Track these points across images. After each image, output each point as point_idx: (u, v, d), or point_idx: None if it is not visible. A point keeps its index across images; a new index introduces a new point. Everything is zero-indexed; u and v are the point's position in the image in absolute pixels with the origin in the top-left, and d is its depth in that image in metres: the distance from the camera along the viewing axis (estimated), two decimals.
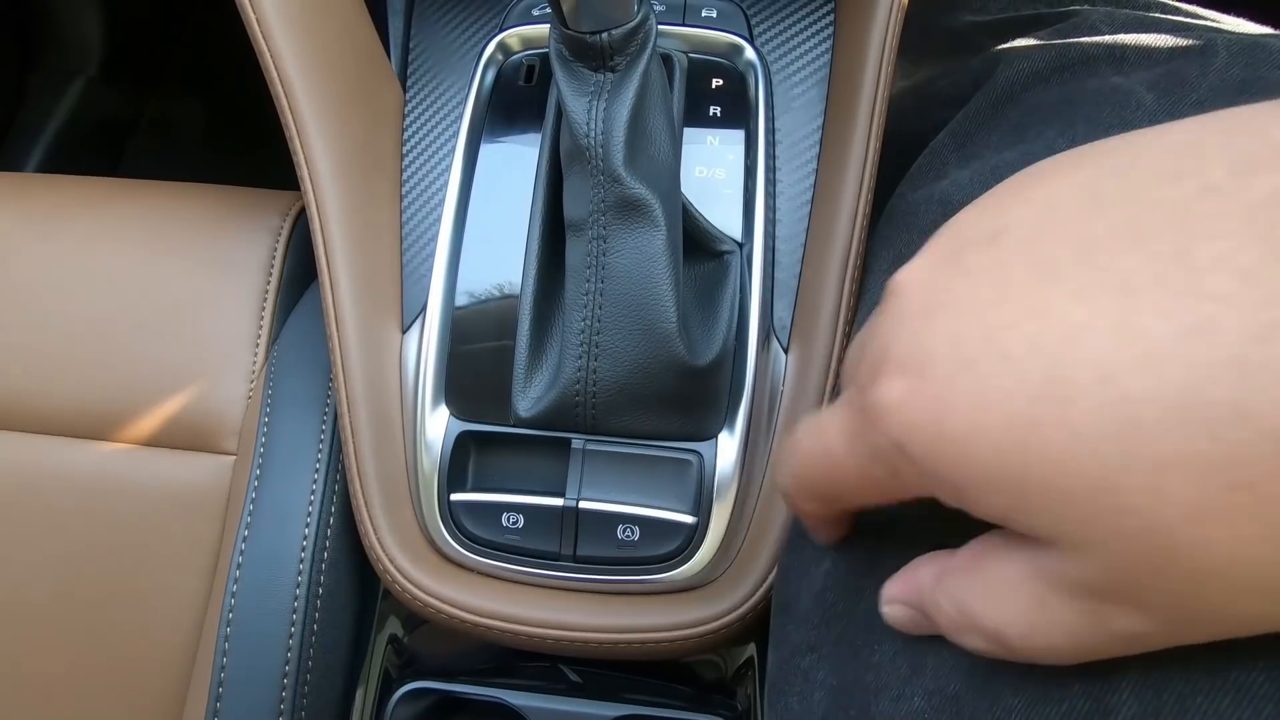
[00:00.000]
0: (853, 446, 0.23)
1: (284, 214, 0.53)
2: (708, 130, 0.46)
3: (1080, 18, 0.44)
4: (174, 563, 0.47)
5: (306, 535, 0.45)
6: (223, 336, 0.50)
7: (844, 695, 0.30)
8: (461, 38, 0.51)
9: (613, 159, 0.36)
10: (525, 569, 0.43)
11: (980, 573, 0.22)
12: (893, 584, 0.27)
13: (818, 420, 0.25)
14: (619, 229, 0.37)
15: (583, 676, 0.47)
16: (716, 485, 0.41)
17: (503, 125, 0.47)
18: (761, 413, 0.43)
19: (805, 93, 0.48)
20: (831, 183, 0.44)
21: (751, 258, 0.44)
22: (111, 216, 0.53)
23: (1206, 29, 0.40)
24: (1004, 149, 0.39)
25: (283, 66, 0.42)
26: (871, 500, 0.25)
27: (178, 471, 0.48)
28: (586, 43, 0.36)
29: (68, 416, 0.49)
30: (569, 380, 0.38)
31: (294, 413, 0.47)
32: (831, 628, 0.32)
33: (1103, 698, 0.21)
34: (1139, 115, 0.35)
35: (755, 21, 0.49)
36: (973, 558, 0.23)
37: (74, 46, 1.03)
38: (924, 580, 0.25)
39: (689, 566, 0.42)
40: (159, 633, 0.47)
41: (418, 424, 0.43)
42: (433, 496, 0.43)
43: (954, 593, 0.23)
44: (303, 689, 0.44)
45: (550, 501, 0.42)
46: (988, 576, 0.22)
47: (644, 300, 0.37)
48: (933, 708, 0.26)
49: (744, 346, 0.42)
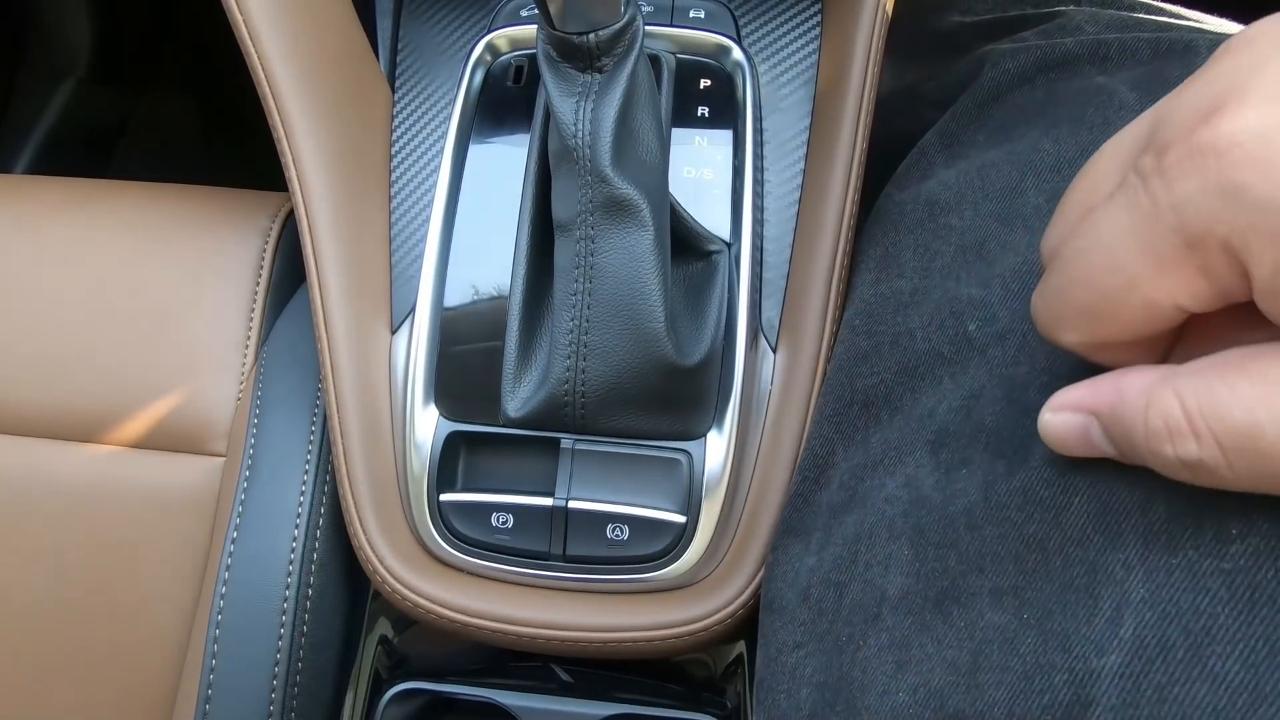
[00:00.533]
0: (1149, 236, 0.21)
1: (273, 215, 0.53)
2: (695, 130, 0.46)
3: (1065, 18, 0.44)
4: (163, 564, 0.47)
5: (296, 536, 0.45)
6: (212, 338, 0.50)
7: (830, 691, 0.30)
8: (450, 38, 0.51)
9: (600, 159, 0.36)
10: (515, 569, 0.43)
11: (1241, 370, 0.20)
12: (1072, 391, 0.25)
13: (1090, 224, 0.23)
14: (607, 229, 0.37)
15: (573, 676, 0.47)
16: (705, 484, 0.41)
17: (491, 126, 0.47)
18: (750, 412, 0.43)
19: (793, 93, 0.48)
20: (819, 183, 0.44)
21: (739, 257, 0.44)
22: (100, 218, 0.53)
23: (1189, 29, 0.40)
24: (990, 148, 0.40)
25: (270, 67, 0.42)
26: (1147, 324, 0.22)
27: (167, 473, 0.48)
28: (574, 44, 0.36)
29: (56, 418, 0.49)
30: (558, 380, 0.38)
31: (283, 414, 0.47)
32: (817, 624, 0.32)
33: (1084, 688, 0.22)
34: (1122, 114, 0.36)
35: (743, 23, 0.50)
36: (1226, 360, 0.21)
37: (63, 47, 1.03)
38: (1132, 384, 0.23)
39: (678, 565, 0.42)
40: (148, 634, 0.47)
41: (407, 424, 0.43)
42: (422, 497, 0.43)
43: (1195, 390, 0.21)
44: (292, 690, 0.44)
45: (540, 501, 0.42)
46: (1254, 371, 0.20)
47: (632, 300, 0.37)
48: (917, 702, 0.26)
49: (732, 346, 0.42)
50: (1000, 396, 0.30)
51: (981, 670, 0.24)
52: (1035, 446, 0.27)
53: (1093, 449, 0.24)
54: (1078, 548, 0.24)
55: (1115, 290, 0.22)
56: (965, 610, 0.27)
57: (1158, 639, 0.21)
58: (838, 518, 0.35)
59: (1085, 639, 0.23)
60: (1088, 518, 0.25)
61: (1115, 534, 0.24)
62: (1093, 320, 0.23)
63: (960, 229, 0.37)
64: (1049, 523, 0.26)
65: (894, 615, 0.29)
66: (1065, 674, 0.22)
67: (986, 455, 0.29)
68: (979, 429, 0.30)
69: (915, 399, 0.34)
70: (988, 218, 0.36)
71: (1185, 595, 0.21)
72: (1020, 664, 0.24)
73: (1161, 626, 0.21)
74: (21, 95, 1.03)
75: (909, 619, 0.29)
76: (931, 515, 0.30)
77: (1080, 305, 0.23)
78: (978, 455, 0.30)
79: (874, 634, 0.29)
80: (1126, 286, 0.22)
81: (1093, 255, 0.22)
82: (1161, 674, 0.21)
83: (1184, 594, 0.21)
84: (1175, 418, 0.21)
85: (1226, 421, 0.20)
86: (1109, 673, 0.21)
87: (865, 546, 0.32)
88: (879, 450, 0.34)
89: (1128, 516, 0.24)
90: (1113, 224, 0.22)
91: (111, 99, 1.10)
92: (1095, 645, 0.22)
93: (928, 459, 0.32)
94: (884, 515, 0.32)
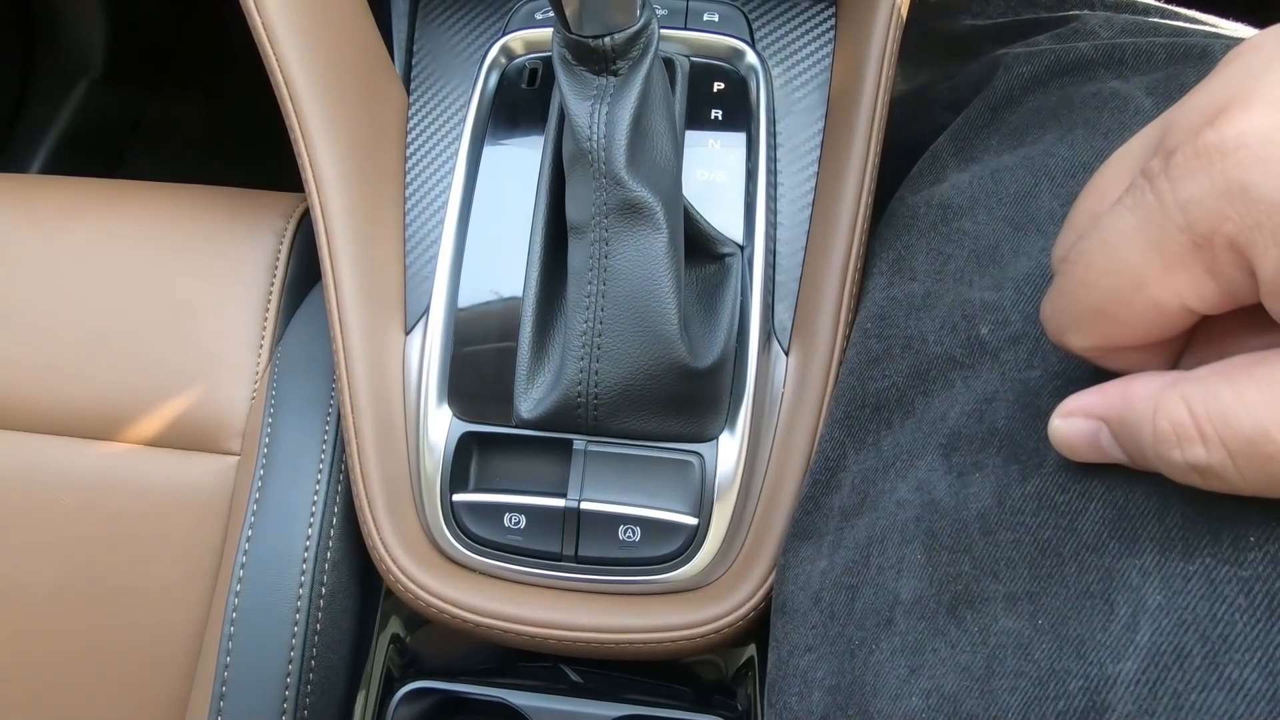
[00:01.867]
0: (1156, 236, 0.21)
1: (287, 216, 0.53)
2: (709, 133, 0.47)
3: (1079, 22, 0.44)
4: (177, 563, 0.48)
5: (309, 536, 0.45)
6: (226, 337, 0.50)
7: (842, 695, 0.30)
8: (465, 41, 0.51)
9: (615, 162, 0.36)
10: (527, 569, 0.43)
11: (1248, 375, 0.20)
12: (1081, 397, 0.25)
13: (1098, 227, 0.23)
14: (621, 231, 0.37)
15: (584, 677, 0.47)
16: (717, 486, 0.41)
17: (505, 128, 0.47)
18: (762, 414, 0.43)
19: (806, 96, 0.48)
20: (832, 186, 0.44)
21: (752, 260, 0.44)
22: (115, 218, 0.53)
23: (1205, 34, 0.40)
24: (1003, 152, 0.39)
25: (288, 69, 0.42)
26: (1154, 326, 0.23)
27: (181, 472, 0.49)
28: (589, 47, 0.36)
29: (72, 416, 0.50)
30: (571, 382, 0.38)
31: (297, 414, 0.47)
32: (829, 628, 0.32)
33: (1099, 695, 0.22)
34: (1137, 120, 0.35)
35: (756, 25, 0.50)
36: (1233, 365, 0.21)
37: (77, 49, 1.04)
38: (1139, 390, 0.23)
39: (690, 567, 0.42)
40: (162, 632, 0.48)
41: (420, 425, 0.43)
42: (435, 497, 0.43)
43: (1202, 395, 0.21)
44: (305, 688, 0.44)
45: (552, 502, 0.42)
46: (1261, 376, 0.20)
47: (646, 302, 0.37)
48: (930, 707, 0.26)
49: (745, 348, 0.42)
50: (1013, 400, 0.30)
51: (995, 676, 0.24)
52: (1049, 451, 0.27)
53: (1102, 454, 0.24)
54: (1093, 554, 0.24)
55: (1122, 291, 0.22)
56: (979, 615, 0.27)
57: (1174, 646, 0.21)
58: (849, 521, 0.35)
59: (1101, 645, 0.23)
60: (1103, 523, 0.25)
61: (1131, 540, 0.24)
62: (1101, 323, 0.23)
63: (973, 233, 0.37)
64: (1064, 528, 0.25)
65: (907, 619, 0.29)
66: (1080, 680, 0.22)
67: (1000, 460, 0.29)
68: (992, 433, 0.30)
69: (927, 402, 0.34)
70: (1001, 222, 0.36)
71: (1202, 603, 0.21)
72: (1035, 670, 0.24)
73: (1178, 634, 0.21)
74: (36, 97, 1.04)
75: (922, 623, 0.29)
76: (944, 519, 0.30)
77: (1088, 308, 0.23)
78: (991, 459, 0.30)
79: (886, 638, 0.29)
80: (1134, 287, 0.22)
81: (1100, 256, 0.23)
82: (1178, 681, 0.21)
83: (1201, 601, 0.21)
84: (1183, 423, 0.21)
85: (1234, 426, 0.20)
86: (1125, 679, 0.21)
87: (877, 550, 0.32)
88: (891, 454, 0.34)
89: (1144, 523, 0.24)
90: (1120, 225, 0.22)
91: (125, 100, 1.10)
92: (1111, 652, 0.22)
93: (940, 463, 0.32)
94: (896, 519, 0.32)
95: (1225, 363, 0.21)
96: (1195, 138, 0.20)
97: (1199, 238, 0.20)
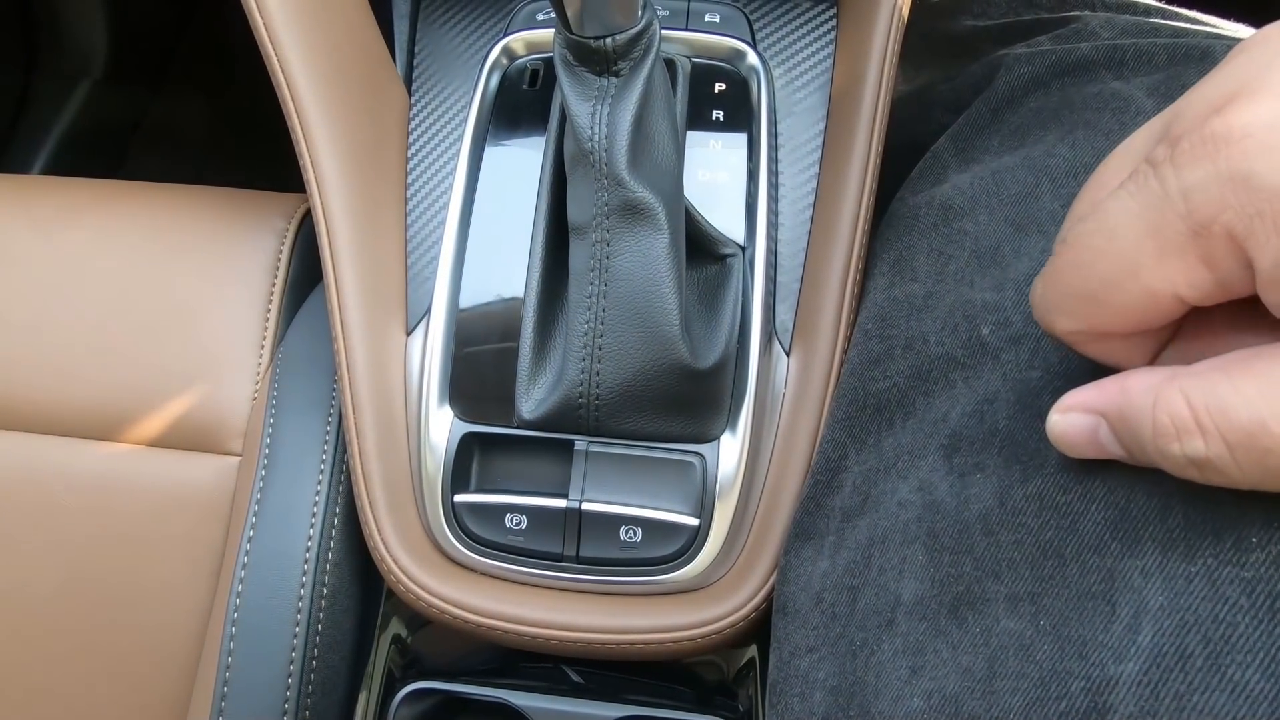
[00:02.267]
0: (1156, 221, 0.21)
1: (289, 216, 0.53)
2: (710, 134, 0.47)
3: (1080, 23, 0.44)
4: (179, 563, 0.48)
5: (311, 536, 0.45)
6: (228, 338, 0.50)
7: (843, 696, 0.30)
8: (466, 42, 0.52)
9: (616, 163, 0.36)
10: (528, 570, 0.43)
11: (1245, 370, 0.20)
12: (1080, 393, 0.25)
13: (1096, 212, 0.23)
14: (622, 232, 0.37)
15: (585, 677, 0.47)
16: (719, 487, 0.41)
17: (507, 129, 0.48)
18: (763, 415, 0.43)
19: (807, 97, 0.48)
20: (833, 186, 0.44)
21: (754, 261, 0.44)
22: (117, 218, 0.53)
23: (1206, 35, 0.40)
24: (1004, 153, 0.40)
25: (290, 70, 0.42)
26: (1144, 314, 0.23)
27: (183, 472, 0.49)
28: (591, 47, 0.36)
29: (73, 417, 0.50)
30: (572, 382, 0.38)
31: (298, 414, 0.47)
32: (830, 629, 0.32)
33: (1101, 696, 0.22)
34: (1138, 120, 0.35)
35: (758, 26, 0.50)
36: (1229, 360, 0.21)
37: (79, 49, 1.04)
38: (1138, 384, 0.23)
39: (691, 568, 0.42)
40: (164, 632, 0.48)
41: (422, 425, 0.44)
42: (436, 497, 0.43)
43: (1200, 389, 0.21)
44: (307, 689, 0.44)
45: (553, 503, 0.42)
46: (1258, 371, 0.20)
47: (647, 303, 0.37)
48: (931, 708, 0.26)
49: (746, 349, 0.42)
50: (1014, 401, 0.30)
51: (997, 677, 0.24)
52: (1051, 452, 0.27)
53: (1101, 450, 0.24)
54: (1095, 554, 0.24)
55: (1116, 275, 0.22)
56: (981, 616, 0.27)
57: (1176, 647, 0.21)
58: (850, 522, 0.35)
59: (1103, 646, 0.23)
60: (1105, 524, 0.25)
61: (1133, 541, 0.24)
62: (1090, 307, 0.23)
63: (974, 233, 0.37)
64: (1066, 529, 0.25)
65: (908, 620, 0.29)
66: (1082, 681, 0.22)
67: (1001, 460, 0.29)
68: (993, 433, 0.30)
69: (928, 403, 0.34)
70: (1002, 222, 0.36)
71: (1204, 603, 0.21)
72: (1036, 671, 0.24)
73: (1180, 635, 0.21)
74: (38, 98, 1.04)
75: (923, 624, 0.29)
76: (946, 520, 0.30)
77: (1080, 290, 0.23)
78: (992, 460, 0.30)
79: (888, 639, 0.29)
80: (1128, 272, 0.22)
81: (1096, 239, 0.23)
82: (1180, 682, 0.21)
83: (1203, 602, 0.21)
84: (1182, 416, 0.21)
85: (1232, 419, 0.20)
86: (1127, 680, 0.21)
87: (879, 551, 0.32)
88: (892, 454, 0.34)
89: (1146, 523, 0.24)
90: (1120, 209, 0.22)
91: (126, 100, 1.11)
92: (1113, 653, 0.22)
93: (941, 463, 0.32)
94: (897, 520, 0.32)
95: (1222, 358, 0.21)
96: (1201, 126, 0.20)
97: (1198, 225, 0.20)
